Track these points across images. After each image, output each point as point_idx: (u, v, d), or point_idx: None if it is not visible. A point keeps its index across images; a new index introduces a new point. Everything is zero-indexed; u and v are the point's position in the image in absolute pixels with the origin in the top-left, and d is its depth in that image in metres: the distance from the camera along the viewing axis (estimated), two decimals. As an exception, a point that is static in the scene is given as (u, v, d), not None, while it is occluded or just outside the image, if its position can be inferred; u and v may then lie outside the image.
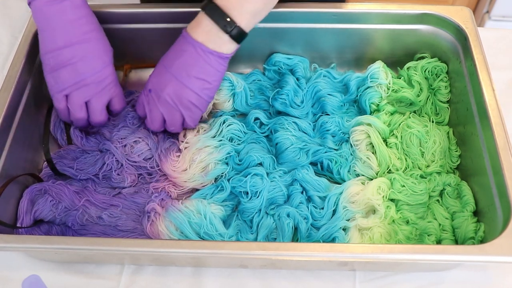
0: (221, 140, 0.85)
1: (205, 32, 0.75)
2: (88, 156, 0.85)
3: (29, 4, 0.78)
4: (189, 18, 0.78)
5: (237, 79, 0.90)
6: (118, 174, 0.83)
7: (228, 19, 0.74)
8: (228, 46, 0.76)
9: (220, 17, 0.74)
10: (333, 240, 0.76)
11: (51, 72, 0.79)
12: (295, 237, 0.79)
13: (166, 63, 0.78)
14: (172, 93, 0.78)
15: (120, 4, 0.92)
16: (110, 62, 0.81)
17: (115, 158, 0.83)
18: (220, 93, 0.88)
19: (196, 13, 0.77)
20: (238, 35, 0.76)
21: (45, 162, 0.85)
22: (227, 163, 0.84)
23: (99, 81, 0.79)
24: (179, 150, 0.85)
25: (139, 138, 0.84)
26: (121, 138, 0.85)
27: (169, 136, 0.87)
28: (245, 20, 0.75)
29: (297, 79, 0.92)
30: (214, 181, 0.84)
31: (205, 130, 0.87)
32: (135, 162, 0.84)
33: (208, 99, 0.80)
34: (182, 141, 0.85)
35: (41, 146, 0.86)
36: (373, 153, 0.84)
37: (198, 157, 0.82)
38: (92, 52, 0.79)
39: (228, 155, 0.83)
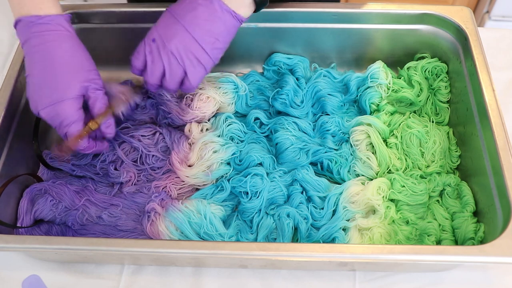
0: (226, 140, 0.85)
1: None
2: None
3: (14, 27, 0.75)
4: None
5: (241, 82, 0.90)
6: (116, 169, 0.83)
7: None
8: (246, 9, 0.74)
9: None
10: (333, 240, 0.76)
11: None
12: (295, 237, 0.79)
13: (176, 14, 0.74)
14: (180, 45, 0.73)
15: (113, 3, 0.91)
16: (69, 96, 0.73)
17: (113, 151, 0.84)
18: (226, 96, 0.88)
19: None
20: (261, 1, 0.74)
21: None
22: (228, 163, 0.84)
23: (52, 116, 0.74)
24: (189, 144, 0.85)
25: (154, 129, 0.86)
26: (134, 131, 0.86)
27: (180, 131, 0.87)
28: None
29: (297, 79, 0.92)
30: (215, 181, 0.84)
31: (207, 129, 0.87)
32: (149, 151, 0.84)
33: (214, 60, 0.76)
34: (189, 138, 0.86)
35: (32, 143, 0.85)
36: (373, 153, 0.84)
37: (206, 155, 0.82)
38: (45, 84, 0.73)
39: (234, 155, 0.83)
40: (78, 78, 0.74)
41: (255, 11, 0.75)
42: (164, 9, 0.87)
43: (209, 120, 0.89)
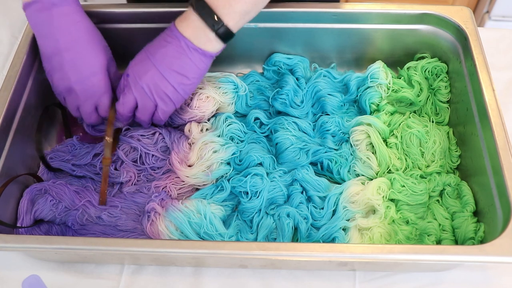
0: (226, 140, 0.85)
1: (192, 27, 0.75)
2: (83, 147, 0.86)
3: (24, 10, 0.78)
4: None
5: (241, 82, 0.90)
6: (116, 169, 0.83)
7: (216, 18, 0.73)
8: (213, 44, 0.76)
9: (208, 14, 0.73)
10: (333, 240, 0.76)
11: (48, 75, 0.82)
12: (295, 237, 0.79)
13: (149, 51, 0.78)
14: (150, 82, 0.77)
15: (113, 4, 0.91)
16: (100, 70, 0.80)
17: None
18: (225, 96, 0.88)
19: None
20: (225, 35, 0.75)
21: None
22: (228, 163, 0.84)
23: (85, 88, 0.80)
24: (189, 144, 0.85)
25: (153, 129, 0.86)
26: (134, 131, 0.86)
27: (180, 131, 0.88)
28: (233, 20, 0.74)
29: (297, 79, 0.92)
30: (215, 181, 0.84)
31: (207, 129, 0.87)
32: (149, 151, 0.85)
33: (184, 95, 0.79)
34: (189, 137, 0.86)
35: (35, 144, 0.85)
36: (373, 153, 0.84)
37: (206, 155, 0.82)
38: (79, 59, 0.79)
39: (234, 155, 0.83)
40: (105, 54, 0.81)
41: (225, 42, 0.76)
42: (163, 9, 0.88)
43: (209, 120, 0.89)
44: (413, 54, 0.94)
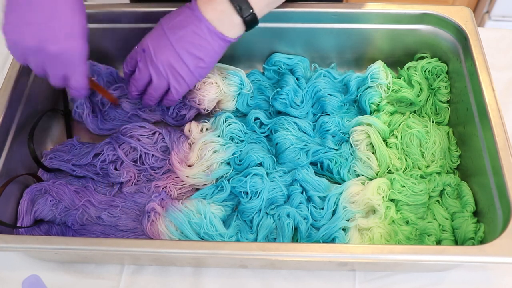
0: (226, 140, 0.85)
1: (217, 10, 0.72)
2: (83, 147, 0.86)
3: None
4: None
5: (248, 81, 0.90)
6: (116, 169, 0.83)
7: (247, 3, 0.72)
8: (236, 30, 0.74)
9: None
10: (333, 240, 0.76)
11: (14, 28, 0.70)
12: (295, 237, 0.79)
13: (167, 29, 0.75)
14: (166, 61, 0.75)
15: (113, 3, 0.91)
16: (79, 35, 0.70)
17: (113, 151, 0.84)
18: (229, 87, 0.88)
19: None
20: (251, 21, 0.73)
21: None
22: (228, 163, 0.84)
23: (59, 52, 0.70)
24: (189, 144, 0.86)
25: (153, 129, 0.87)
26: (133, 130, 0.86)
27: (180, 131, 0.88)
28: (260, 7, 0.73)
29: (297, 79, 0.92)
30: (215, 181, 0.84)
31: (207, 129, 0.87)
32: (148, 150, 0.85)
33: (199, 78, 0.78)
34: (189, 138, 0.86)
35: (30, 146, 0.84)
36: (373, 153, 0.84)
37: (206, 155, 0.82)
38: (55, 17, 0.69)
39: (234, 155, 0.83)
40: (84, 19, 0.72)
41: (246, 30, 0.75)
42: (163, 9, 0.88)
43: (209, 119, 0.89)
44: (413, 54, 0.94)
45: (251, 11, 0.72)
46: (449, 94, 0.89)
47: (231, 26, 0.73)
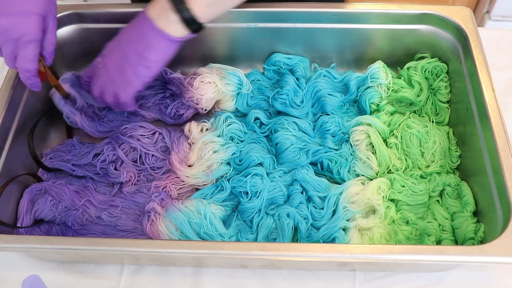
0: (226, 140, 0.85)
1: (158, 9, 0.73)
2: (83, 147, 0.86)
3: None
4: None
5: (247, 81, 0.90)
6: (116, 169, 0.84)
7: (182, 1, 0.71)
8: (176, 27, 0.73)
9: None
10: (333, 240, 0.76)
11: None
12: (295, 237, 0.79)
13: (120, 33, 0.78)
14: (114, 61, 0.77)
15: (113, 3, 0.92)
16: (34, 11, 0.71)
17: (113, 151, 0.84)
18: (227, 87, 0.88)
19: None
20: (190, 20, 0.73)
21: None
22: (228, 163, 0.84)
23: (10, 27, 0.69)
24: (189, 144, 0.86)
25: (153, 129, 0.87)
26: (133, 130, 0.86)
27: (180, 131, 0.88)
28: (199, 6, 0.72)
29: (297, 79, 0.92)
30: (215, 181, 0.84)
31: (207, 129, 0.87)
32: (148, 150, 0.85)
33: (143, 78, 0.77)
34: (189, 138, 0.86)
35: (30, 146, 0.84)
36: (373, 153, 0.84)
37: (206, 155, 0.82)
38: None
39: (234, 155, 0.83)
40: (46, 5, 0.73)
41: (193, 31, 0.74)
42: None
43: (209, 119, 0.89)
44: (413, 54, 0.94)
45: (186, 8, 0.71)
46: (449, 94, 0.89)
47: (170, 23, 0.73)
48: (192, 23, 0.73)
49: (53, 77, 0.82)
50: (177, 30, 0.74)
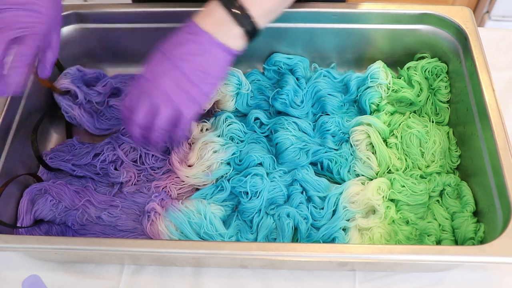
0: (226, 140, 0.85)
1: (216, 23, 0.68)
2: (83, 147, 0.86)
3: None
4: (182, 17, 0.76)
5: (246, 80, 0.90)
6: (116, 169, 0.84)
7: (245, 13, 0.67)
8: (238, 41, 0.69)
9: (236, 8, 0.67)
10: (333, 240, 0.76)
11: None
12: (295, 237, 0.79)
13: (166, 51, 0.69)
14: (170, 84, 0.68)
15: (113, 3, 0.91)
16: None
17: (113, 151, 0.84)
18: (226, 87, 0.88)
19: (188, 13, 0.72)
20: (252, 32, 0.69)
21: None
22: (228, 163, 0.84)
23: (11, 14, 0.66)
24: (189, 144, 0.85)
25: None
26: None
27: None
28: (261, 16, 0.69)
29: (297, 79, 0.92)
30: (215, 181, 0.84)
31: (207, 129, 0.87)
32: (148, 150, 0.85)
33: (209, 94, 0.71)
34: (189, 138, 0.86)
35: (34, 145, 0.85)
36: (373, 153, 0.84)
37: (206, 155, 0.82)
38: None
39: (234, 155, 0.83)
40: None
41: (250, 40, 0.71)
42: (164, 9, 0.88)
43: (209, 119, 0.89)
44: (413, 54, 0.94)
45: (250, 20, 0.69)
46: (449, 94, 0.89)
47: (233, 37, 0.69)
48: (255, 35, 0.71)
49: (44, 80, 0.81)
50: (239, 42, 0.70)
